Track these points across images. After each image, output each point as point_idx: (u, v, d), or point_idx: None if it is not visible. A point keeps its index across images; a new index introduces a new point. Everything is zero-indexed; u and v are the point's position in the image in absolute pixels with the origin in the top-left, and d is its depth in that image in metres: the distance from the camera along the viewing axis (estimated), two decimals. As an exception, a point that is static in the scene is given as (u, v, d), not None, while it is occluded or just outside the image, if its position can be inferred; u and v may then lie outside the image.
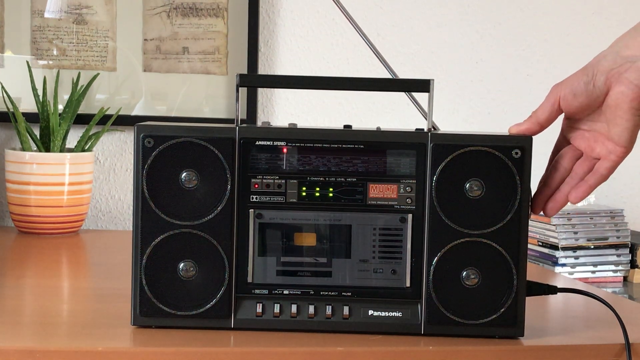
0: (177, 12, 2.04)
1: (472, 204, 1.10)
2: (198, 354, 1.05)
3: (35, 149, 1.89)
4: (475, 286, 1.11)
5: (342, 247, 1.13)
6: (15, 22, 2.02)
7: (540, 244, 2.01)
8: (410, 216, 1.12)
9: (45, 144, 1.88)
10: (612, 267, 2.02)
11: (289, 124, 1.14)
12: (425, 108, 1.16)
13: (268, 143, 1.11)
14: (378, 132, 1.13)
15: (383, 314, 1.12)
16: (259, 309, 1.12)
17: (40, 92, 1.88)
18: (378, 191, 1.12)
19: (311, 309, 1.12)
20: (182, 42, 2.05)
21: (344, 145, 1.12)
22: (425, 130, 1.12)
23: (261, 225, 1.12)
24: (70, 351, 1.04)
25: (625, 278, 2.03)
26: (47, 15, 2.02)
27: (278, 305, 1.12)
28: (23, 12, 2.02)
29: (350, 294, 1.12)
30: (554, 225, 1.98)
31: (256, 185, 1.12)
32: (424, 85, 1.12)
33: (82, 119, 1.95)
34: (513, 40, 2.21)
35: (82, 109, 1.94)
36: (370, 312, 1.12)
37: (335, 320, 1.12)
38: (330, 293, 1.12)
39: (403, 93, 1.23)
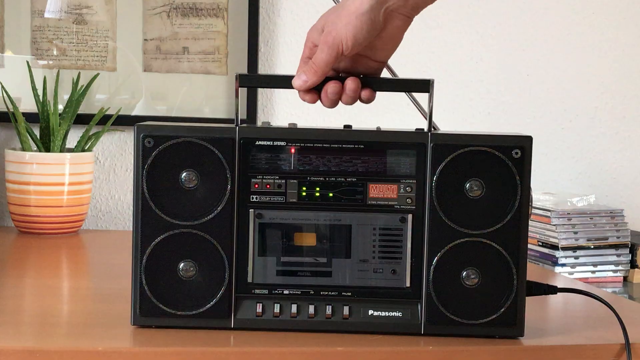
0: (177, 12, 2.04)
1: (472, 204, 1.10)
2: (198, 354, 1.05)
3: (35, 149, 1.89)
4: (475, 286, 1.10)
5: (342, 247, 1.12)
6: (15, 22, 2.02)
7: (540, 244, 2.01)
8: (410, 216, 1.12)
9: (45, 144, 1.88)
10: (612, 267, 2.02)
11: (289, 124, 1.14)
12: (426, 108, 1.16)
13: (268, 143, 1.11)
14: (378, 132, 1.12)
15: (383, 313, 1.12)
16: (259, 309, 1.11)
17: (40, 92, 1.88)
18: (378, 191, 1.12)
19: (311, 308, 1.11)
20: (182, 42, 2.05)
21: (344, 145, 1.11)
22: (425, 130, 1.12)
23: (261, 225, 1.12)
24: (70, 351, 1.04)
25: (625, 278, 2.03)
26: (47, 15, 2.02)
27: (278, 305, 1.11)
28: (23, 12, 2.02)
29: (350, 293, 1.12)
30: (554, 225, 1.98)
31: (256, 185, 1.11)
32: (424, 86, 1.13)
33: (82, 119, 1.95)
34: (513, 40, 2.21)
35: (82, 109, 1.94)
36: (370, 312, 1.12)
37: (335, 320, 1.11)
38: (330, 293, 1.12)
39: (403, 93, 1.22)
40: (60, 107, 1.93)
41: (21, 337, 1.12)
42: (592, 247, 2.00)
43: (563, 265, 1.97)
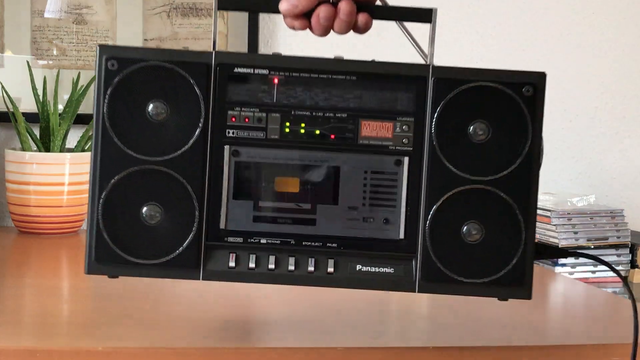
0: (177, 12, 2.04)
1: (477, 147, 0.99)
2: (198, 353, 1.05)
3: (35, 149, 1.89)
4: (479, 240, 0.98)
5: (329, 192, 1.00)
6: (15, 22, 2.02)
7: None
8: (406, 159, 0.99)
9: (45, 144, 1.88)
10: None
11: (273, 53, 1.02)
12: (426, 50, 1.05)
13: (248, 71, 0.99)
14: (373, 62, 1.00)
15: (373, 269, 1.00)
16: (232, 259, 0.99)
17: (40, 92, 1.88)
18: (371, 129, 1.00)
19: (291, 261, 0.99)
20: (182, 42, 2.05)
21: (334, 76, 0.99)
22: (427, 62, 1.01)
23: (237, 164, 0.99)
24: (70, 351, 1.04)
25: (625, 278, 2.03)
26: (47, 15, 2.02)
27: (254, 256, 0.99)
28: (23, 12, 2.02)
29: (336, 245, 1.00)
30: (554, 225, 1.98)
31: (233, 119, 0.99)
32: (426, 15, 1.03)
33: (82, 119, 1.95)
34: (513, 40, 2.21)
35: (82, 109, 1.94)
36: (358, 266, 1.00)
37: (318, 275, 0.99)
38: (313, 244, 1.00)
39: (403, 38, 1.10)
40: (60, 107, 1.93)
41: (21, 337, 1.12)
42: (592, 247, 2.00)
43: (563, 265, 1.97)
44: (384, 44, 1.21)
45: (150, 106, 0.97)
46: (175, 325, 1.14)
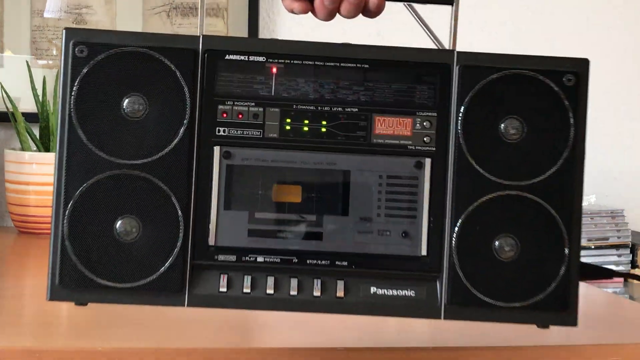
0: (177, 12, 2.04)
1: (511, 147, 0.86)
2: (198, 353, 1.05)
3: (34, 148, 1.89)
4: (514, 257, 0.85)
5: (337, 201, 0.87)
6: (15, 22, 2.01)
7: (541, 244, 2.01)
8: (428, 160, 0.87)
9: (44, 144, 1.88)
10: (613, 268, 2.01)
11: (271, 38, 0.93)
12: (445, 43, 0.95)
13: (242, 58, 0.86)
14: (388, 48, 0.88)
15: (390, 292, 0.87)
16: (223, 282, 0.86)
17: (39, 92, 1.88)
18: (386, 126, 0.87)
19: (294, 283, 0.86)
20: (182, 42, 2.05)
21: (342, 64, 0.87)
22: (450, 48, 0.89)
23: (230, 167, 0.86)
24: (70, 351, 1.04)
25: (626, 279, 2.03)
26: (46, 15, 2.02)
27: (249, 277, 0.86)
28: (23, 12, 2.02)
29: (346, 263, 0.86)
30: (554, 225, 1.98)
31: (224, 115, 0.86)
32: None
33: (82, 119, 1.95)
34: (513, 40, 2.21)
35: (82, 109, 1.94)
36: (373, 289, 0.87)
37: (326, 300, 0.86)
38: (320, 262, 0.86)
39: (419, 28, 1.04)
40: (60, 107, 1.93)
41: (21, 337, 1.12)
42: (593, 247, 2.00)
43: (563, 265, 1.97)
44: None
45: (127, 100, 0.85)
46: (175, 325, 1.14)
